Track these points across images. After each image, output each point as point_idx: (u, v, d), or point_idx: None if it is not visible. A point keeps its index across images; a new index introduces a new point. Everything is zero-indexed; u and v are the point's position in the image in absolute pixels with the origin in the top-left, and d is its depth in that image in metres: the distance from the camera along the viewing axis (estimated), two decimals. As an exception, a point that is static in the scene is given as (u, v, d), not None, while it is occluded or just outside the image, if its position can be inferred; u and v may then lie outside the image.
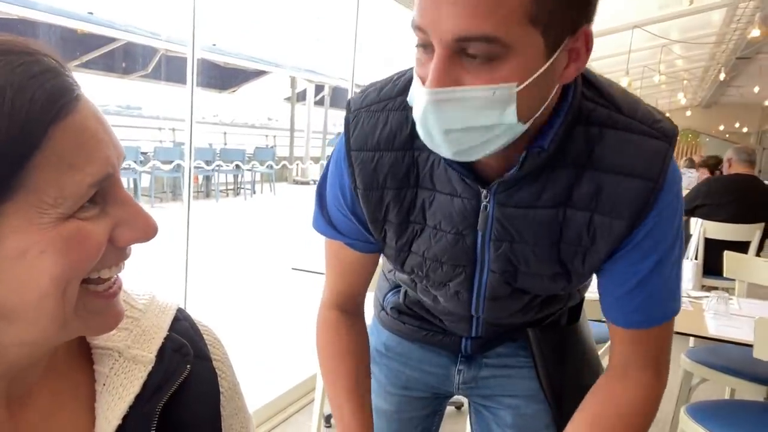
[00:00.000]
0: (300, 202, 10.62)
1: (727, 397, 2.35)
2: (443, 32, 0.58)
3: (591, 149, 0.70)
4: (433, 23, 0.58)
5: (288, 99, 14.09)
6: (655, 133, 0.70)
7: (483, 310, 0.86)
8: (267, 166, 10.79)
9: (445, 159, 0.71)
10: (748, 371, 2.04)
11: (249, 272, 5.14)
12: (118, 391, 0.50)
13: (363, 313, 0.97)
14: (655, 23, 5.72)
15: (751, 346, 1.58)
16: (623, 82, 6.55)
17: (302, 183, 13.05)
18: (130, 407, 0.49)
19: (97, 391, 0.50)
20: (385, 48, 6.15)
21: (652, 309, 0.77)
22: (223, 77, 12.29)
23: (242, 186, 10.71)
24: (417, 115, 0.63)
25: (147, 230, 0.45)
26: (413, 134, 0.74)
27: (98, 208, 0.43)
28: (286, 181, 12.91)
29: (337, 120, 15.26)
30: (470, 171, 0.72)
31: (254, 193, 10.91)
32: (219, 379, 0.58)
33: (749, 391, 2.03)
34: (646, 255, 0.73)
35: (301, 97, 13.79)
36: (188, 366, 0.53)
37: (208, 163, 9.31)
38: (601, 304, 0.81)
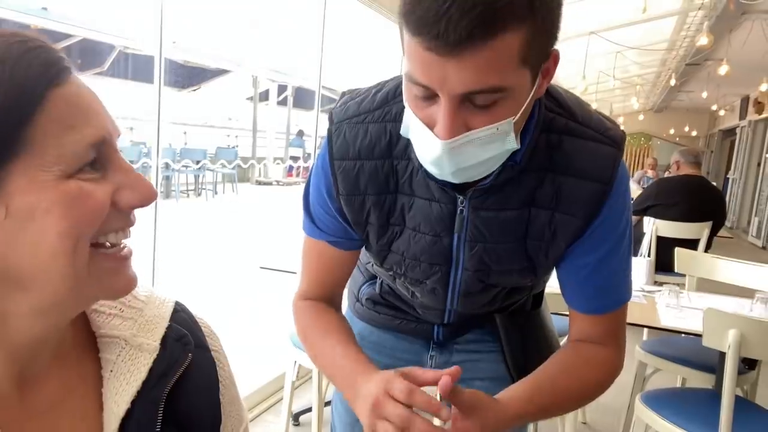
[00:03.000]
0: (263, 203, 10.53)
1: (678, 385, 2.47)
2: (452, 89, 0.62)
3: (551, 154, 0.78)
4: (440, 81, 0.62)
5: (250, 98, 13.94)
6: (606, 140, 0.78)
7: (457, 304, 0.92)
8: (233, 167, 10.64)
9: (425, 170, 0.77)
10: (698, 361, 2.16)
11: (216, 272, 5.09)
12: (126, 377, 0.52)
13: (339, 308, 0.99)
14: (611, 30, 5.93)
15: (700, 336, 1.68)
16: (580, 87, 6.76)
17: (265, 183, 12.92)
18: (138, 392, 0.52)
19: (105, 378, 0.52)
20: (352, 48, 6.17)
21: (606, 296, 0.85)
22: (184, 75, 12.08)
23: (203, 186, 10.54)
24: (428, 157, 0.69)
25: (147, 194, 0.48)
26: (391, 144, 0.81)
27: (99, 173, 0.46)
28: (249, 182, 12.76)
29: (299, 120, 15.18)
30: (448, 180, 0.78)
31: (216, 193, 10.75)
32: (217, 368, 0.60)
33: (699, 380, 2.15)
34: (596, 246, 0.81)
35: (264, 96, 13.65)
36: (189, 354, 0.56)
37: (174, 162, 9.12)
38: (562, 292, 0.89)
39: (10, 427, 0.47)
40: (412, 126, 0.70)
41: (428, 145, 0.68)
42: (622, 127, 0.82)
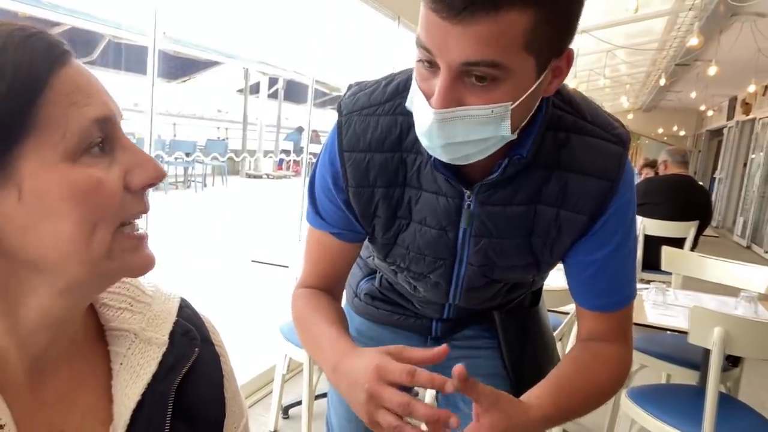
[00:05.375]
0: (254, 196, 10.49)
1: (663, 381, 2.51)
2: (451, 57, 0.63)
3: (559, 152, 0.78)
4: (441, 48, 0.63)
5: (241, 91, 13.84)
6: (613, 138, 0.79)
7: (459, 299, 0.93)
8: (225, 159, 10.56)
9: (433, 162, 0.78)
10: (682, 358, 2.20)
11: (207, 265, 5.07)
12: (136, 370, 0.53)
13: (338, 299, 0.98)
14: (602, 29, 5.97)
15: (686, 333, 1.71)
16: (571, 85, 6.78)
17: (255, 177, 12.86)
18: (148, 385, 0.53)
19: (114, 370, 0.53)
20: (345, 43, 6.15)
21: (614, 293, 0.85)
22: (174, 67, 11.95)
23: (193, 178, 10.47)
24: (421, 128, 0.70)
25: (156, 171, 0.49)
26: (401, 137, 0.81)
27: (107, 158, 0.47)
28: (238, 175, 12.70)
29: (290, 114, 15.11)
30: (455, 174, 0.78)
31: (205, 186, 10.69)
32: (221, 363, 0.61)
33: (683, 376, 2.19)
34: (603, 243, 0.82)
35: (255, 89, 13.57)
36: (197, 349, 0.57)
37: (164, 153, 9.04)
38: (571, 291, 0.89)
39: (22, 417, 0.47)
40: (414, 97, 0.71)
41: (422, 114, 0.68)
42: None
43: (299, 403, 2.49)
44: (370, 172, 0.83)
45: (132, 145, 0.49)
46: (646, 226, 3.70)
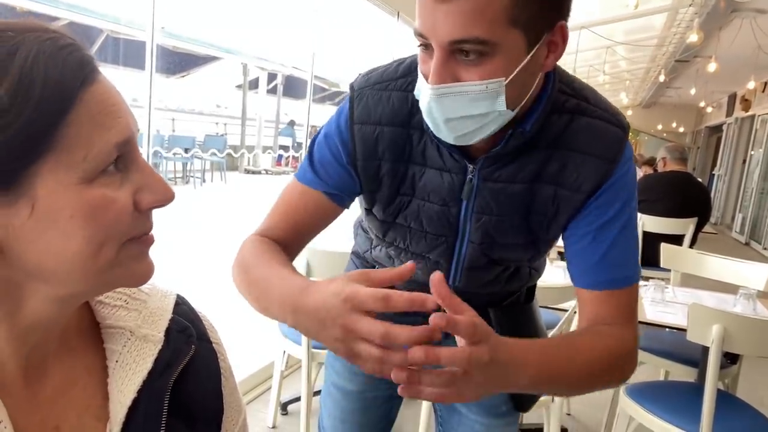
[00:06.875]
0: (253, 192, 10.47)
1: (662, 378, 2.51)
2: (440, 37, 0.67)
3: (562, 132, 0.81)
4: (431, 29, 0.68)
5: (240, 86, 13.80)
6: (614, 120, 0.82)
7: (460, 280, 0.93)
8: (224, 155, 10.55)
9: (437, 137, 0.80)
10: (681, 355, 2.21)
11: (206, 260, 5.06)
12: (132, 367, 0.53)
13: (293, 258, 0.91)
14: (601, 25, 5.95)
15: (684, 330, 1.71)
16: (571, 81, 6.76)
17: (254, 172, 12.84)
18: (143, 383, 0.52)
19: (110, 367, 0.53)
20: (344, 39, 6.14)
21: (611, 269, 0.83)
22: (173, 62, 11.92)
23: (191, 174, 10.46)
24: (423, 107, 0.74)
25: (166, 194, 0.49)
26: (411, 114, 0.83)
27: (120, 175, 0.47)
28: (237, 170, 12.68)
29: (289, 109, 15.07)
30: (459, 149, 0.81)
31: (204, 181, 10.67)
32: (218, 359, 0.61)
33: (681, 373, 2.20)
34: (599, 215, 0.82)
35: (254, 85, 13.53)
36: (193, 346, 0.57)
37: (163, 149, 9.02)
38: (570, 273, 0.88)
39: (18, 415, 0.47)
40: (418, 82, 0.75)
41: (423, 95, 0.73)
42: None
43: (298, 399, 2.50)
44: (379, 145, 0.85)
45: (146, 164, 0.49)
46: (644, 222, 3.70)
